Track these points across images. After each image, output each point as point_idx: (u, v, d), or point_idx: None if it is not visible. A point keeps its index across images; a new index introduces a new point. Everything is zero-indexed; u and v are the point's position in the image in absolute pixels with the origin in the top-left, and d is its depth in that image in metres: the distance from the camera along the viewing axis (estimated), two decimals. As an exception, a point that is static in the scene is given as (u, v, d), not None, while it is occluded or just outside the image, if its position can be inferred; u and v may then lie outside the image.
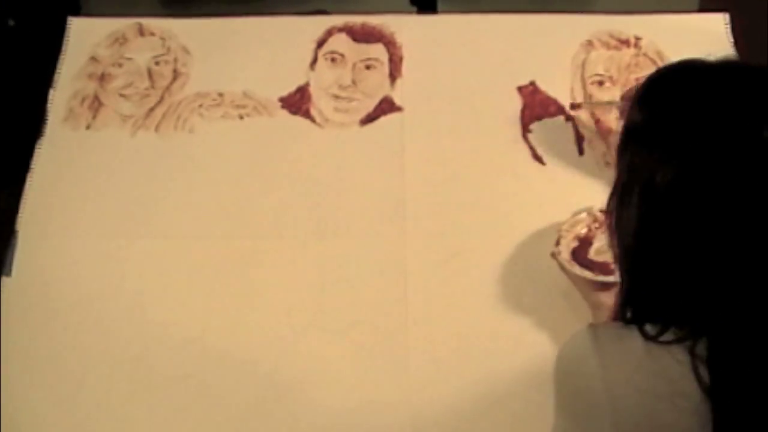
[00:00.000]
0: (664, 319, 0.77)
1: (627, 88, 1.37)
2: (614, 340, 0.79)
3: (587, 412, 0.79)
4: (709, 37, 1.42)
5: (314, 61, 1.42)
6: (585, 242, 1.17)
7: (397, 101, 1.37)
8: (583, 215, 1.19)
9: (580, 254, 1.15)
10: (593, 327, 0.82)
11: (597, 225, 1.18)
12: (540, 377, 1.14)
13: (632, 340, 0.78)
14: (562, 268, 1.14)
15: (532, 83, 1.38)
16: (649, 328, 0.77)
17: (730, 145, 0.73)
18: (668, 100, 0.79)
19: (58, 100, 1.39)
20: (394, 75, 1.40)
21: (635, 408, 0.76)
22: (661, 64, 1.39)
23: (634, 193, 0.79)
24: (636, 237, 0.79)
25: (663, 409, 0.75)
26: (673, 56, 1.40)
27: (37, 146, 1.34)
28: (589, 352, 0.79)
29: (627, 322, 0.81)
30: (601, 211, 1.15)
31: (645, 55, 1.41)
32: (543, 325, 1.18)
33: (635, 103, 0.82)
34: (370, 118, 1.36)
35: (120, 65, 1.42)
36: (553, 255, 1.15)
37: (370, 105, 1.37)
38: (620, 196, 0.81)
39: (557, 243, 1.16)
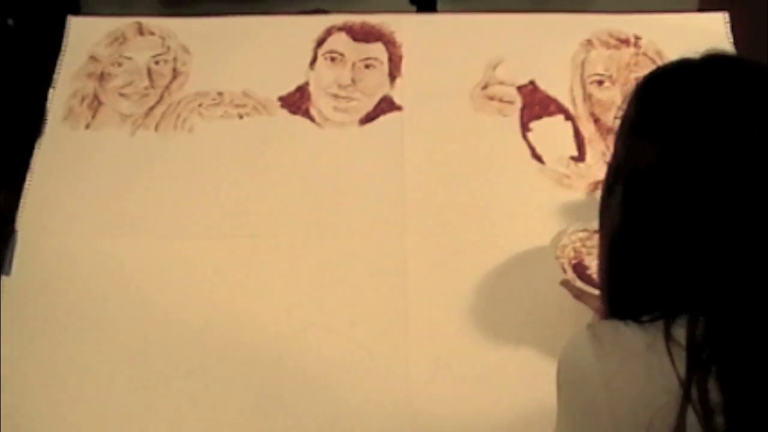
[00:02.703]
0: (646, 311, 0.79)
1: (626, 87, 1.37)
2: (612, 337, 0.79)
3: (587, 411, 0.78)
4: (709, 37, 1.41)
5: (314, 60, 1.42)
6: (579, 266, 1.15)
7: (397, 100, 1.37)
8: (565, 238, 1.16)
9: (583, 277, 1.13)
10: (591, 326, 0.82)
11: (580, 244, 1.16)
12: (540, 376, 1.14)
13: (630, 336, 0.78)
14: (578, 296, 1.14)
15: (532, 83, 1.38)
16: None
17: (713, 135, 0.75)
18: (659, 94, 0.82)
19: (57, 99, 1.38)
20: (393, 74, 1.40)
21: (634, 404, 0.76)
22: (660, 64, 1.39)
23: (619, 182, 0.80)
24: (620, 225, 0.80)
25: (663, 404, 0.74)
26: (673, 56, 1.39)
27: (36, 146, 1.34)
28: (588, 351, 0.79)
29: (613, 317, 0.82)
30: (583, 230, 1.17)
31: (645, 54, 1.41)
32: (543, 324, 1.18)
33: (631, 100, 0.84)
34: (369, 118, 1.36)
35: (119, 64, 1.42)
36: (566, 283, 1.14)
37: (369, 104, 1.37)
38: (607, 186, 0.83)
39: (564, 270, 1.14)
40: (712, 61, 0.81)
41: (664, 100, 0.80)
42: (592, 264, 1.14)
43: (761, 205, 0.74)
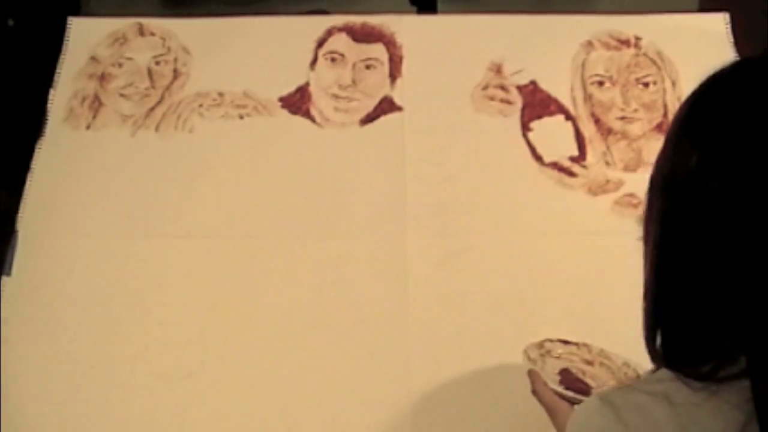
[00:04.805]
0: (700, 352, 0.64)
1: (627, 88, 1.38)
2: (635, 413, 0.65)
3: None
4: (709, 37, 1.42)
5: (314, 60, 1.42)
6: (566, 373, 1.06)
7: (397, 101, 1.37)
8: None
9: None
10: (606, 399, 0.68)
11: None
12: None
13: (655, 412, 0.65)
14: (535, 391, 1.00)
15: (533, 83, 1.38)
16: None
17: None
18: (712, 94, 0.68)
19: (58, 100, 1.39)
20: (394, 75, 1.40)
21: None
22: (661, 64, 1.40)
23: (656, 192, 0.69)
24: (658, 241, 0.68)
25: None
26: (674, 56, 1.41)
27: (37, 146, 1.34)
28: (612, 425, 0.66)
29: (657, 359, 0.69)
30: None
31: (645, 55, 1.41)
32: (543, 323, 1.18)
33: (685, 101, 0.70)
34: (370, 118, 1.36)
35: (120, 65, 1.42)
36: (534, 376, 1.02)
37: (370, 105, 1.37)
38: (648, 195, 0.71)
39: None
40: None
41: (717, 101, 0.66)
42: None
43: None
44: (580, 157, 1.32)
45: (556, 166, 1.31)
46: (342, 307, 1.20)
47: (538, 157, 1.32)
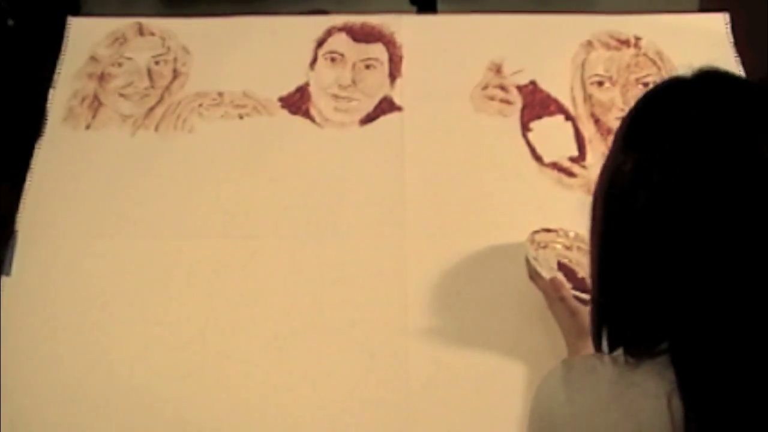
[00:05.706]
0: (640, 338, 0.75)
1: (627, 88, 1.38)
2: (584, 373, 0.78)
3: None
4: (709, 37, 1.42)
5: (314, 60, 1.42)
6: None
7: (397, 101, 1.37)
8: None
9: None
10: (567, 361, 0.81)
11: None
12: (540, 377, 1.14)
13: (601, 372, 0.76)
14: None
15: (533, 83, 1.38)
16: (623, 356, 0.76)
17: (695, 149, 0.71)
18: (647, 110, 0.78)
19: (57, 99, 1.38)
20: (394, 75, 1.40)
21: None
22: (661, 64, 1.40)
23: (600, 196, 0.79)
24: (599, 242, 0.78)
25: None
26: (673, 56, 1.41)
27: (36, 146, 1.34)
28: (559, 391, 0.78)
29: (600, 345, 0.80)
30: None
31: (645, 55, 1.41)
32: (544, 323, 1.18)
33: (624, 118, 0.81)
34: (369, 118, 1.36)
35: (120, 65, 1.42)
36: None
37: (369, 105, 1.37)
38: (593, 200, 0.80)
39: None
40: (704, 77, 0.77)
41: (651, 114, 0.77)
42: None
43: (735, 226, 0.69)
44: (580, 158, 1.32)
45: (555, 166, 1.31)
46: (342, 307, 1.20)
47: (537, 158, 1.32)
